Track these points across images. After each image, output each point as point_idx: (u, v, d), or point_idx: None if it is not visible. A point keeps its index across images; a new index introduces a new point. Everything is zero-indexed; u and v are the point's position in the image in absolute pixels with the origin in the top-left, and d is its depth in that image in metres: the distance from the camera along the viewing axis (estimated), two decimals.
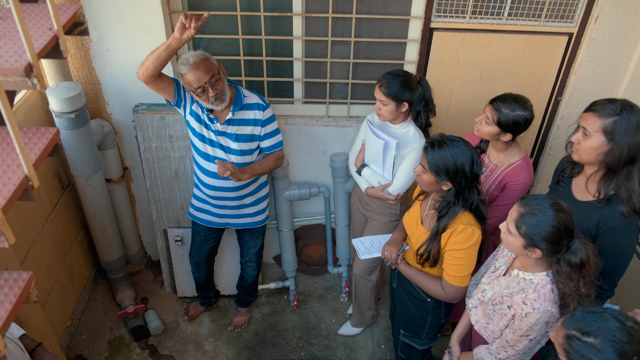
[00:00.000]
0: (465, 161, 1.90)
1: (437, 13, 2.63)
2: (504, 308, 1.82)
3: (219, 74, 2.35)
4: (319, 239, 3.44)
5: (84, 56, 2.71)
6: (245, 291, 3.19)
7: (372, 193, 2.58)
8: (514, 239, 1.71)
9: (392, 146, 2.39)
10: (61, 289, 2.99)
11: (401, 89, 2.34)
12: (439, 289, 2.11)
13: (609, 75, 2.74)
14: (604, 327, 1.34)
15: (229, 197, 2.68)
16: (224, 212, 2.76)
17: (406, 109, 2.40)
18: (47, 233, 2.82)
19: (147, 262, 3.66)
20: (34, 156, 1.03)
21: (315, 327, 3.26)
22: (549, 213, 1.63)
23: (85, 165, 2.73)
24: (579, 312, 1.40)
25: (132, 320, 3.15)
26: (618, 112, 1.80)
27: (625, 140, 1.80)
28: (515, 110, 2.18)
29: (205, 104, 2.38)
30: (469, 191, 1.98)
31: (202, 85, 2.29)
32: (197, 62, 2.27)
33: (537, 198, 1.68)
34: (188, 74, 2.28)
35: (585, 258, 1.65)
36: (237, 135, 2.51)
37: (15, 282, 0.99)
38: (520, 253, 1.74)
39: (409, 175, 2.46)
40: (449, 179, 1.93)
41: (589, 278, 1.67)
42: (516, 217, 1.69)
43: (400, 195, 2.52)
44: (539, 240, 1.64)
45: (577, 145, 1.91)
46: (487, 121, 2.25)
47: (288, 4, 2.66)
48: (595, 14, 2.55)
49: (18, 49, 1.00)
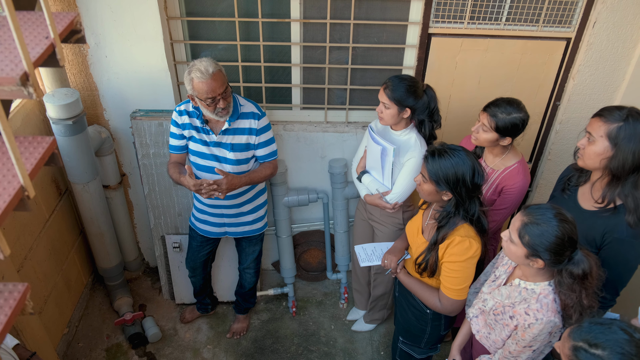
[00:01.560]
0: (466, 171, 1.88)
1: (435, 19, 2.63)
2: (505, 318, 1.81)
3: (229, 86, 2.34)
4: (317, 245, 3.42)
5: (82, 62, 2.70)
6: (244, 298, 3.17)
7: (370, 200, 2.56)
8: (516, 248, 1.69)
9: (389, 152, 2.38)
10: (58, 296, 2.97)
11: (406, 93, 2.31)
12: (436, 300, 2.09)
13: (607, 80, 2.74)
14: (612, 339, 1.32)
15: (227, 206, 2.66)
16: (222, 221, 2.74)
17: (408, 115, 2.38)
18: (44, 240, 2.81)
19: (144, 268, 3.64)
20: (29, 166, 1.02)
21: (315, 334, 3.25)
22: (553, 223, 1.61)
23: (83, 172, 2.71)
24: (587, 324, 1.38)
25: (130, 327, 3.13)
26: (624, 119, 1.79)
27: (630, 147, 1.78)
28: (511, 113, 2.17)
29: (208, 113, 2.36)
30: (470, 202, 1.95)
31: (215, 96, 2.27)
32: (214, 73, 2.24)
33: (540, 207, 1.66)
34: (203, 83, 2.24)
35: (588, 269, 1.62)
36: (233, 145, 2.49)
37: (10, 293, 0.97)
38: (521, 262, 1.73)
39: (408, 183, 2.44)
40: (449, 189, 1.91)
41: (591, 290, 1.65)
42: (519, 226, 1.67)
43: (398, 205, 2.49)
44: (542, 251, 1.63)
45: (582, 151, 1.90)
46: (484, 128, 2.24)
47: (286, 10, 2.66)
48: (593, 18, 2.55)
49: (14, 58, 0.99)
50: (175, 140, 2.55)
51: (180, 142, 2.55)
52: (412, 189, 2.47)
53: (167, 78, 2.75)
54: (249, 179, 2.52)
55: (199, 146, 2.51)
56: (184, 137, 2.53)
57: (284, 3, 2.64)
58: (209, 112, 2.35)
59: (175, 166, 2.57)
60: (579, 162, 1.94)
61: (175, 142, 2.55)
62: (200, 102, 2.32)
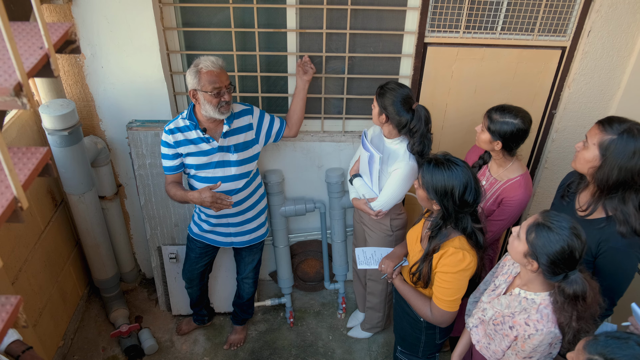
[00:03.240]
0: (457, 186, 1.85)
1: (431, 28, 2.64)
2: (505, 328, 1.79)
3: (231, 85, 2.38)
4: (315, 254, 3.41)
5: (78, 73, 2.70)
6: (242, 309, 3.15)
7: (356, 204, 2.60)
8: (519, 243, 1.67)
9: (376, 160, 2.39)
10: (53, 308, 2.94)
11: (388, 98, 2.33)
12: (428, 310, 2.08)
13: (603, 89, 2.75)
14: (629, 355, 1.30)
15: (231, 214, 2.66)
16: (228, 231, 2.74)
17: (384, 120, 2.38)
18: (39, 252, 2.78)
19: (141, 280, 3.62)
20: (23, 177, 1.01)
21: (312, 345, 3.22)
22: (564, 233, 1.59)
23: (79, 183, 2.70)
24: (603, 337, 1.36)
25: (126, 339, 3.10)
26: (619, 133, 1.79)
27: (617, 162, 1.79)
28: (505, 118, 2.18)
29: (210, 109, 2.34)
30: (459, 217, 1.93)
31: (221, 86, 2.29)
32: (222, 66, 2.32)
33: (559, 215, 1.64)
34: (212, 73, 2.26)
35: (580, 292, 1.60)
36: (236, 146, 2.51)
37: (2, 306, 0.96)
38: (519, 260, 1.71)
39: (393, 193, 2.44)
40: (437, 200, 1.91)
41: (586, 314, 1.62)
42: (531, 222, 1.65)
43: (382, 212, 2.50)
44: (541, 254, 1.61)
45: (577, 153, 1.94)
46: (482, 128, 2.26)
47: (282, 20, 2.67)
48: (588, 27, 2.57)
49: (7, 68, 0.98)
50: (169, 161, 2.52)
51: (175, 162, 2.52)
52: (397, 199, 2.47)
53: (164, 88, 2.75)
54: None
55: (199, 158, 2.50)
56: (178, 156, 2.51)
57: (280, 13, 2.65)
58: (211, 108, 2.33)
59: (176, 185, 2.55)
60: (572, 163, 1.98)
61: (170, 162, 2.52)
62: (204, 95, 2.30)
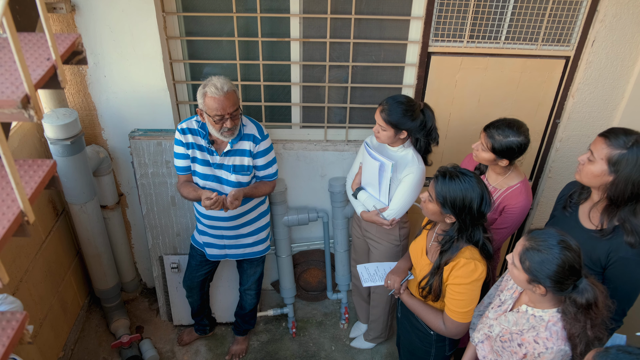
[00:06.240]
0: (475, 198, 1.84)
1: (435, 37, 2.64)
2: (514, 346, 1.76)
3: (240, 108, 2.33)
4: (317, 264, 3.38)
5: (80, 82, 2.69)
6: (244, 319, 3.12)
7: (367, 217, 2.54)
8: (519, 272, 1.65)
9: (387, 168, 2.36)
10: (54, 319, 2.91)
11: (402, 118, 2.30)
12: (440, 323, 2.05)
13: (607, 98, 2.75)
14: None
15: (225, 227, 2.63)
16: (222, 243, 2.71)
17: (405, 136, 2.37)
18: (40, 262, 2.76)
19: (142, 289, 3.59)
20: (29, 190, 1.00)
21: (315, 355, 3.19)
22: (555, 251, 1.56)
23: (80, 192, 2.68)
24: (614, 351, 1.34)
25: (127, 350, 3.07)
26: (628, 146, 1.77)
27: (630, 177, 1.77)
28: (509, 137, 2.16)
29: (213, 131, 2.33)
30: (474, 229, 1.92)
31: (223, 114, 2.25)
32: (228, 92, 2.23)
33: (544, 233, 1.61)
34: (215, 99, 2.22)
35: (592, 299, 1.58)
36: (235, 167, 2.47)
37: (8, 322, 0.94)
38: (525, 287, 1.69)
39: (406, 199, 2.42)
40: (454, 213, 1.88)
41: (598, 320, 1.60)
42: (521, 250, 1.63)
43: (395, 221, 2.47)
44: (543, 278, 1.59)
45: (581, 166, 1.90)
46: (483, 148, 2.24)
47: (286, 30, 2.66)
48: (592, 37, 2.57)
49: (15, 80, 0.97)
50: (181, 161, 2.50)
51: (187, 162, 2.50)
52: (410, 205, 2.45)
53: (166, 97, 2.74)
54: (249, 192, 2.49)
55: (202, 167, 2.48)
56: (189, 157, 2.49)
57: (284, 22, 2.65)
58: (215, 131, 2.33)
59: (188, 184, 2.51)
60: (576, 175, 1.95)
61: (182, 162, 2.50)
62: (208, 118, 2.29)
